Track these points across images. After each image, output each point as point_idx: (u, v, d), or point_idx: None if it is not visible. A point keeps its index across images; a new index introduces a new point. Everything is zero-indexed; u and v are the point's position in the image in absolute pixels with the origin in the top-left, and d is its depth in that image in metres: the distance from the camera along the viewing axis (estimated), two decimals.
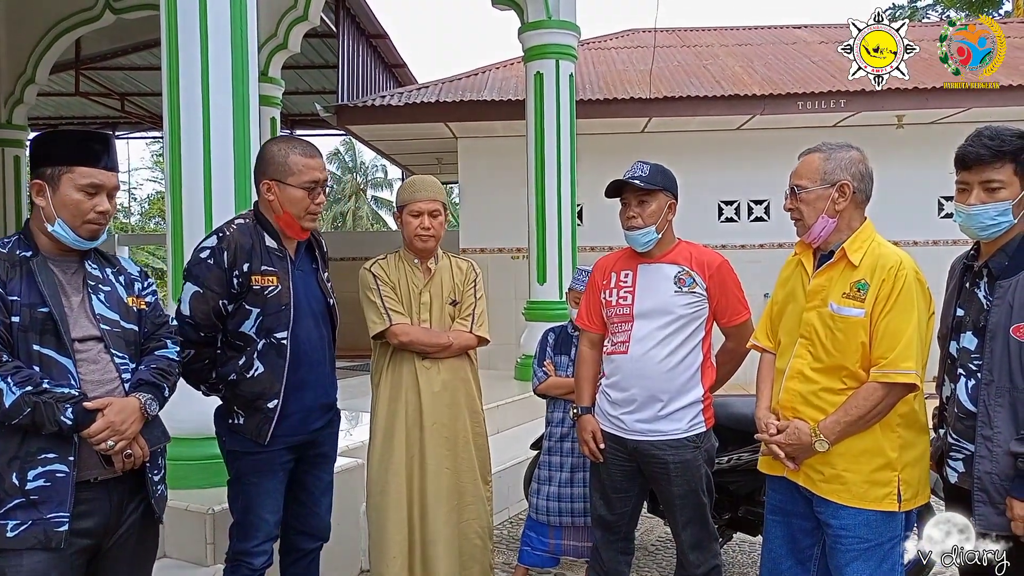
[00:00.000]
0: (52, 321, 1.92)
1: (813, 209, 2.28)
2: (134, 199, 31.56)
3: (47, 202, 1.98)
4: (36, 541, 1.85)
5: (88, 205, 1.99)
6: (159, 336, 2.19)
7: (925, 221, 9.31)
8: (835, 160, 2.28)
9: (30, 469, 1.86)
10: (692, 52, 11.36)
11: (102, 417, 1.91)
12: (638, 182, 2.70)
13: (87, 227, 2.00)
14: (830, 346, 2.22)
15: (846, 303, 2.20)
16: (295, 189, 2.51)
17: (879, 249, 2.24)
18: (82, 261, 2.06)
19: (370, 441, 3.06)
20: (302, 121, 14.90)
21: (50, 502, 1.87)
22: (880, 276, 2.18)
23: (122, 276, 2.15)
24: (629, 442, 2.74)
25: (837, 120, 9.20)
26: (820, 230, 2.28)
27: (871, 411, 2.15)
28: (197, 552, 3.18)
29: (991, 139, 2.07)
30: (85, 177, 1.99)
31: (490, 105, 8.99)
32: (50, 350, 1.92)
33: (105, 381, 1.99)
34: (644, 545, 4.27)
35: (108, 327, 2.03)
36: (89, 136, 2.05)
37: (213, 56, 3.36)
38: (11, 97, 8.83)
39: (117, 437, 1.92)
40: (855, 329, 2.18)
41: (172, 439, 3.39)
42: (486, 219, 9.57)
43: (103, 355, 2.00)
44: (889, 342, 2.13)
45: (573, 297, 3.53)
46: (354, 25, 10.08)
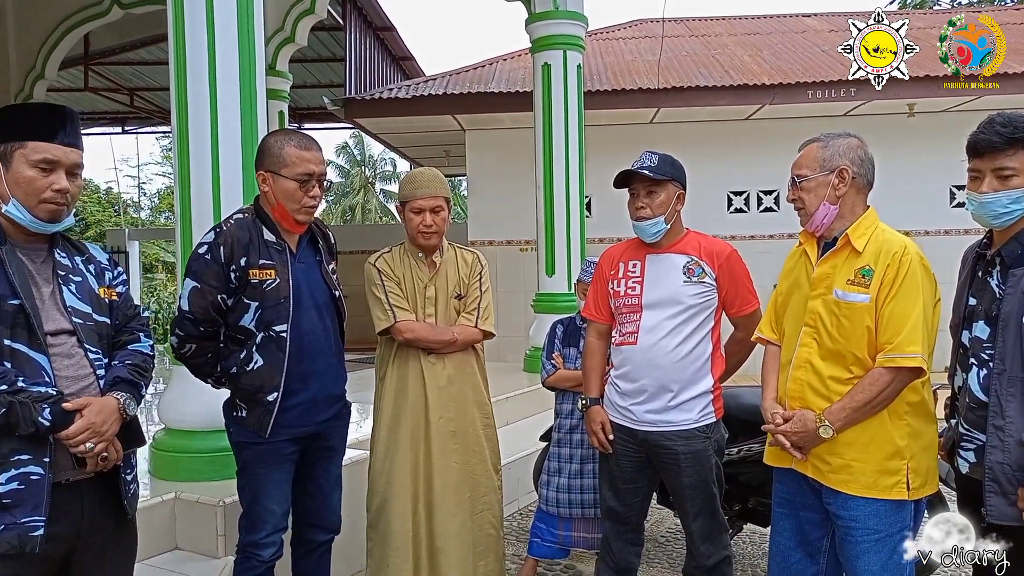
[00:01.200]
0: (24, 314, 1.80)
1: (814, 196, 2.29)
2: (144, 194, 31.71)
3: (1, 181, 1.85)
4: (10, 546, 1.75)
5: (43, 183, 1.86)
6: (131, 329, 2.08)
7: (937, 210, 9.26)
8: (833, 147, 2.30)
9: (3, 472, 1.76)
10: (701, 42, 11.30)
11: (80, 418, 1.82)
12: (647, 172, 2.69)
13: (44, 207, 1.87)
14: (835, 333, 2.21)
15: (851, 289, 2.19)
16: (288, 180, 2.51)
17: (883, 235, 2.24)
18: (51, 249, 1.94)
19: (373, 434, 3.07)
20: (310, 115, 14.91)
21: (24, 505, 1.76)
22: (884, 261, 2.17)
23: (92, 265, 2.03)
24: (639, 433, 2.74)
25: (847, 109, 9.14)
26: (823, 217, 2.29)
27: (877, 397, 2.14)
28: (208, 544, 3.20)
29: (1004, 126, 2.05)
30: (38, 152, 1.85)
31: (498, 97, 8.97)
32: (22, 345, 1.80)
33: (80, 377, 1.89)
34: (654, 536, 4.28)
35: (80, 320, 1.92)
36: (44, 108, 1.92)
37: (220, 50, 3.37)
38: (21, 93, 8.85)
39: (96, 439, 1.84)
40: (860, 315, 2.17)
41: (183, 432, 3.48)
42: (494, 211, 9.56)
43: (76, 349, 1.90)
44: (895, 327, 2.12)
45: (581, 289, 3.52)
46: (361, 18, 10.07)
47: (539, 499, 3.63)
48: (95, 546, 1.95)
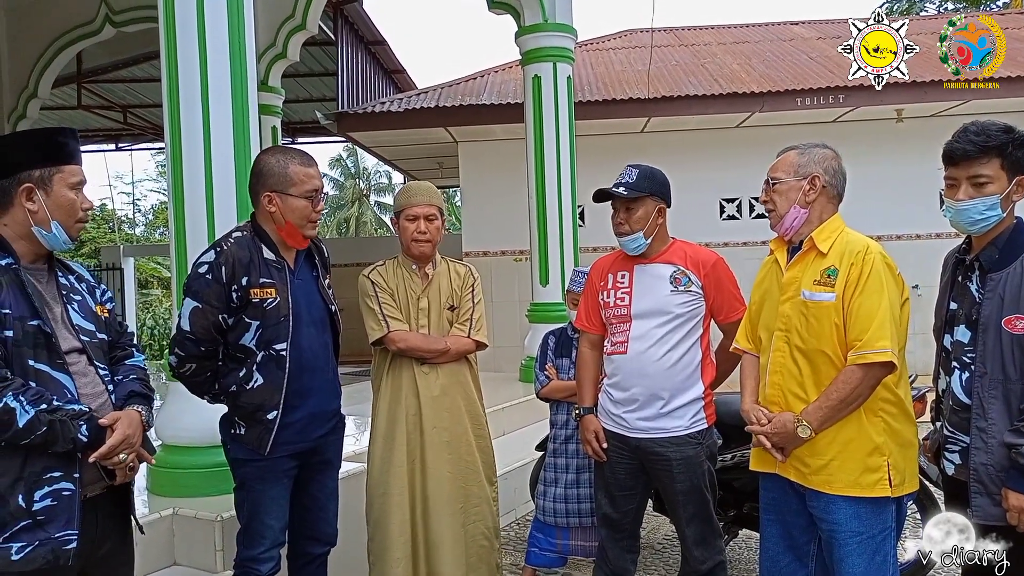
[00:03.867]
0: (44, 335, 1.85)
1: (785, 199, 2.36)
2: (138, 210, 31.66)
3: (39, 206, 1.90)
4: (44, 561, 1.79)
5: (78, 204, 1.96)
6: (123, 344, 2.15)
7: (926, 214, 9.29)
8: (809, 155, 2.38)
9: (37, 489, 1.80)
10: (690, 51, 11.38)
11: (113, 432, 1.89)
12: (621, 190, 2.74)
13: (77, 226, 1.97)
14: (806, 333, 2.27)
15: (817, 289, 2.25)
16: (297, 199, 2.53)
17: (847, 237, 2.31)
18: (51, 269, 2.00)
19: (370, 445, 3.09)
20: (303, 129, 14.95)
21: (57, 520, 1.81)
22: (848, 261, 2.23)
23: (83, 284, 2.08)
24: (632, 440, 2.77)
25: (836, 115, 9.21)
26: (792, 220, 2.35)
27: (852, 394, 2.17)
28: (206, 559, 3.21)
29: (977, 134, 2.10)
30: (75, 175, 1.95)
31: (489, 109, 9.03)
32: (44, 365, 1.85)
33: (97, 394, 1.95)
34: (651, 543, 4.30)
35: (87, 338, 1.98)
36: (63, 132, 1.99)
37: (212, 67, 3.40)
38: (14, 112, 8.88)
39: (129, 450, 1.92)
40: (827, 313, 2.23)
41: (180, 448, 3.49)
42: (488, 222, 9.59)
43: (88, 367, 1.96)
44: (862, 324, 2.17)
45: (571, 299, 3.55)
46: (352, 32, 10.13)
47: (536, 509, 3.65)
48: (103, 558, 2.00)
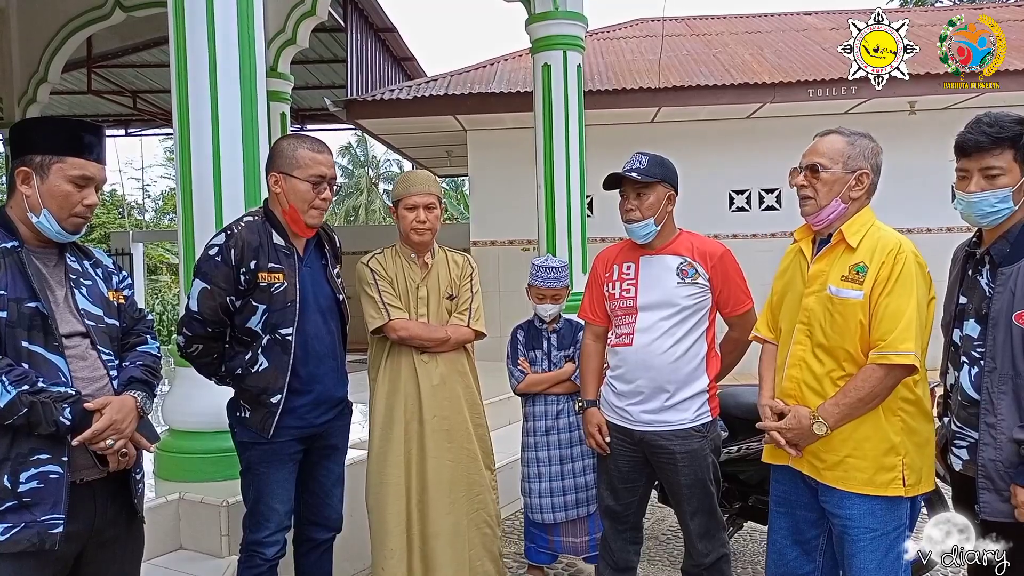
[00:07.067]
0: (41, 317, 1.85)
1: (830, 190, 2.25)
2: (148, 196, 31.77)
3: (33, 191, 1.89)
4: (30, 544, 1.79)
5: (77, 197, 1.92)
6: (138, 331, 2.14)
7: (938, 208, 9.24)
8: (859, 147, 2.26)
9: (22, 471, 1.80)
10: (701, 41, 11.31)
11: (100, 416, 1.87)
12: (635, 175, 2.70)
13: (73, 220, 1.94)
14: (829, 329, 2.21)
15: (845, 285, 2.19)
16: (300, 182, 2.56)
17: (878, 232, 2.23)
18: (62, 253, 1.99)
19: (369, 435, 3.09)
20: (312, 116, 14.93)
21: (44, 504, 1.80)
22: (880, 258, 2.16)
23: (99, 269, 2.08)
24: (636, 433, 2.76)
25: (848, 107, 9.14)
26: (830, 213, 2.26)
27: (870, 393, 2.13)
28: (212, 544, 3.23)
29: (990, 126, 2.07)
30: (77, 168, 1.92)
31: (499, 97, 8.99)
32: (39, 347, 1.84)
33: (95, 379, 1.94)
34: (655, 535, 4.30)
35: (93, 323, 1.97)
36: (83, 126, 1.97)
37: (221, 52, 3.40)
38: (24, 96, 8.90)
39: (117, 436, 1.89)
40: (853, 311, 2.17)
41: (187, 433, 3.50)
42: (496, 211, 9.57)
43: (90, 352, 1.95)
44: (888, 324, 2.11)
45: (535, 293, 3.54)
46: (362, 19, 10.09)
47: (524, 508, 3.61)
48: (106, 545, 2.00)
